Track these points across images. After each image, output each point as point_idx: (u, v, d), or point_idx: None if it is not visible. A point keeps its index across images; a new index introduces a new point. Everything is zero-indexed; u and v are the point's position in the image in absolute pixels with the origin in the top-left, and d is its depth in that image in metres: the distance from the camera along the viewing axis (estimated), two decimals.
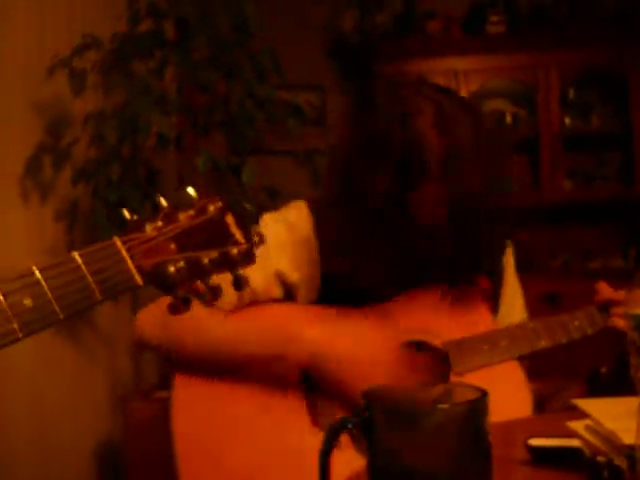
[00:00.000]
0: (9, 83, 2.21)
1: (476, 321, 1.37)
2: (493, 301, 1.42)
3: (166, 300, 1.47)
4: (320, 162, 2.29)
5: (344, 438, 0.77)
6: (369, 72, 3.49)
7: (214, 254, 0.91)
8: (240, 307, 1.31)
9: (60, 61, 2.14)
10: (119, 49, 2.28)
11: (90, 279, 0.79)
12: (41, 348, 2.31)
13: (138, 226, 0.89)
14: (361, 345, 1.28)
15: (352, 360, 1.26)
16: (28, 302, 0.73)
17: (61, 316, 0.76)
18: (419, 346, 1.35)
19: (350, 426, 0.72)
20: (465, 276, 1.35)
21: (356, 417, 0.72)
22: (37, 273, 0.75)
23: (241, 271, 0.93)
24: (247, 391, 1.29)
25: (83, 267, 0.79)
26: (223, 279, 0.92)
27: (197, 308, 0.96)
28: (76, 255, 0.79)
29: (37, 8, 2.26)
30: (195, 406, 1.29)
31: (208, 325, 1.28)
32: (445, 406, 0.71)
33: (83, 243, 2.45)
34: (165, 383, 2.44)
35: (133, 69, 2.29)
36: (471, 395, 0.71)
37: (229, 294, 0.97)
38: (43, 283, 0.75)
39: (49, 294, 0.75)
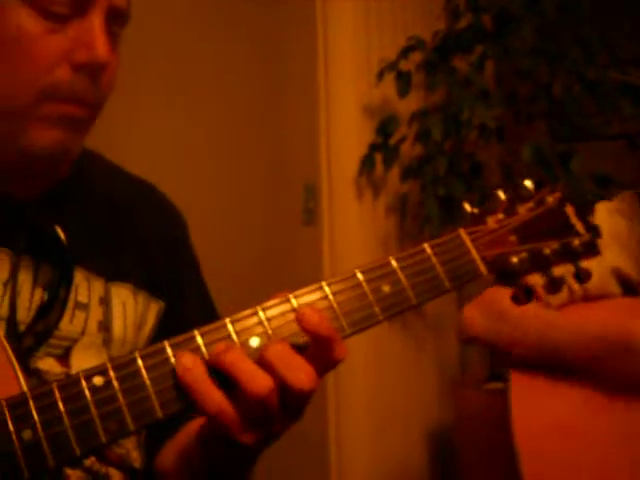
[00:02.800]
0: (342, 88, 2.40)
1: None
2: None
3: (493, 293, 1.47)
4: None
5: None
6: None
7: (555, 245, 0.92)
8: (571, 303, 1.28)
9: (388, 65, 2.26)
10: (440, 47, 2.35)
11: (439, 269, 0.84)
12: (374, 338, 2.47)
13: (479, 219, 0.92)
14: None
15: None
16: (387, 288, 0.80)
17: (414, 302, 0.82)
18: None
19: None
20: None
21: None
22: (393, 262, 0.82)
23: (584, 263, 0.92)
24: (585, 390, 1.25)
25: (433, 257, 0.84)
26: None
27: (534, 305, 0.97)
28: (426, 246, 0.84)
29: (363, 16, 2.42)
30: (534, 405, 1.27)
31: (551, 324, 1.26)
32: None
33: (412, 236, 2.56)
34: (494, 374, 2.46)
35: (454, 65, 2.34)
36: None
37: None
38: (399, 272, 0.81)
39: (404, 282, 0.81)
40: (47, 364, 0.88)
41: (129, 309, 0.96)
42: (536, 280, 0.94)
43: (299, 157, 2.41)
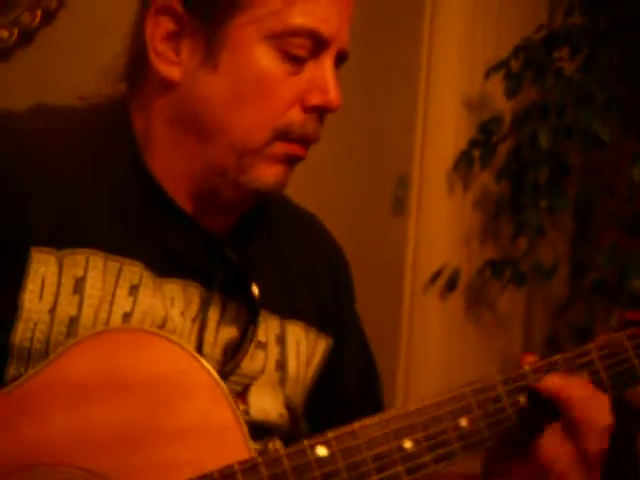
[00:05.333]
0: (443, 81, 2.37)
1: None
2: None
3: None
4: None
5: None
6: None
7: None
8: None
9: (499, 63, 2.22)
10: (547, 40, 2.29)
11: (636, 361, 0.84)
12: (447, 328, 2.50)
13: None
14: None
15: None
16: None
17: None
18: None
19: None
20: None
21: None
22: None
23: None
24: None
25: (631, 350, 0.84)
26: None
27: None
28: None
29: (472, 9, 2.37)
30: None
31: None
32: None
33: (496, 235, 2.53)
34: None
35: (561, 66, 2.30)
36: None
37: None
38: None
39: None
40: None
41: (302, 347, 0.97)
42: None
43: (394, 148, 2.39)
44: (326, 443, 0.72)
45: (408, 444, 0.73)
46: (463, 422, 0.75)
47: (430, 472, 0.73)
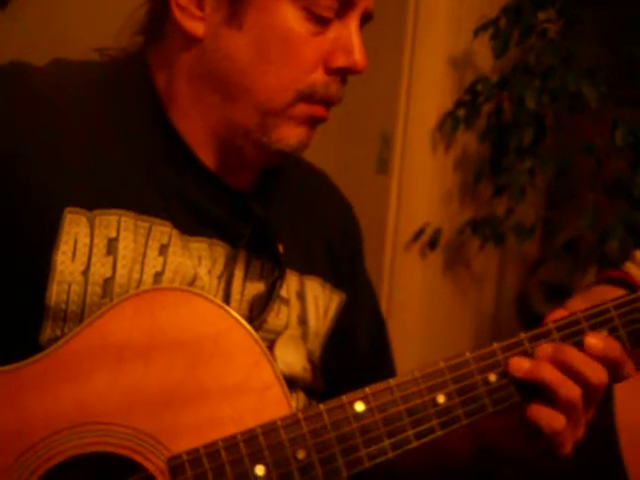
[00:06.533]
0: (429, 40, 2.37)
1: None
2: None
3: (604, 292, 1.48)
4: None
5: None
6: None
7: None
8: None
9: (488, 21, 2.23)
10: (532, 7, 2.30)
11: None
12: (429, 286, 2.54)
13: None
14: None
15: None
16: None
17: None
18: None
19: None
20: None
21: None
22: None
23: None
24: None
25: None
26: None
27: None
28: None
29: None
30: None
31: None
32: None
33: (475, 196, 2.55)
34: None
35: (546, 27, 2.31)
36: None
37: None
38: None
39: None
40: None
41: (320, 302, 0.99)
42: None
43: (378, 107, 2.40)
44: (364, 399, 0.75)
45: (441, 399, 0.76)
46: (492, 377, 0.78)
47: (463, 425, 0.76)
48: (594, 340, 0.79)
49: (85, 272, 0.81)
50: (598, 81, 2.04)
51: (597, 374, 0.77)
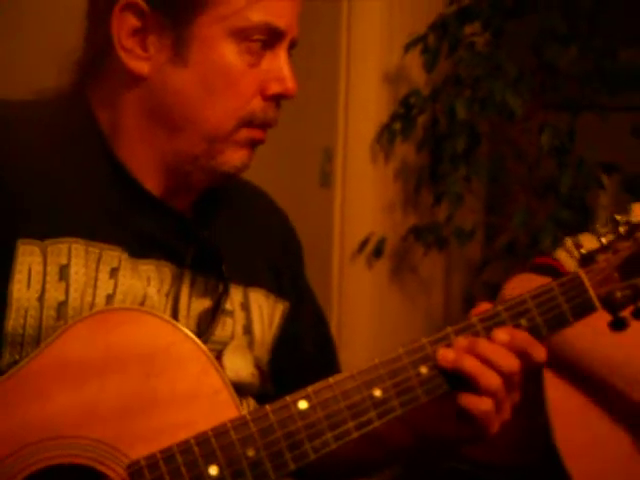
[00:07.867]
0: (363, 56, 2.47)
1: None
2: None
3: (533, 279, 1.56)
4: None
5: None
6: None
7: None
8: None
9: (416, 38, 2.33)
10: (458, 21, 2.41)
11: (565, 306, 0.97)
12: (378, 293, 2.62)
13: (590, 258, 1.05)
14: None
15: None
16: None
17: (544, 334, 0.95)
18: None
19: None
20: None
21: None
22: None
23: None
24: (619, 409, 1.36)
25: (560, 297, 0.96)
26: None
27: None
28: (554, 285, 0.96)
29: None
30: (571, 413, 1.37)
31: (604, 341, 1.37)
32: None
33: (416, 205, 2.64)
34: None
35: (473, 40, 2.42)
36: None
37: None
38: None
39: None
40: None
41: (264, 311, 1.06)
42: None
43: (319, 122, 2.48)
44: (306, 397, 0.82)
45: (378, 392, 0.83)
46: (423, 370, 0.86)
47: (399, 415, 0.84)
48: (500, 333, 0.88)
49: (40, 298, 0.87)
50: (522, 90, 2.16)
51: (507, 361, 0.86)
